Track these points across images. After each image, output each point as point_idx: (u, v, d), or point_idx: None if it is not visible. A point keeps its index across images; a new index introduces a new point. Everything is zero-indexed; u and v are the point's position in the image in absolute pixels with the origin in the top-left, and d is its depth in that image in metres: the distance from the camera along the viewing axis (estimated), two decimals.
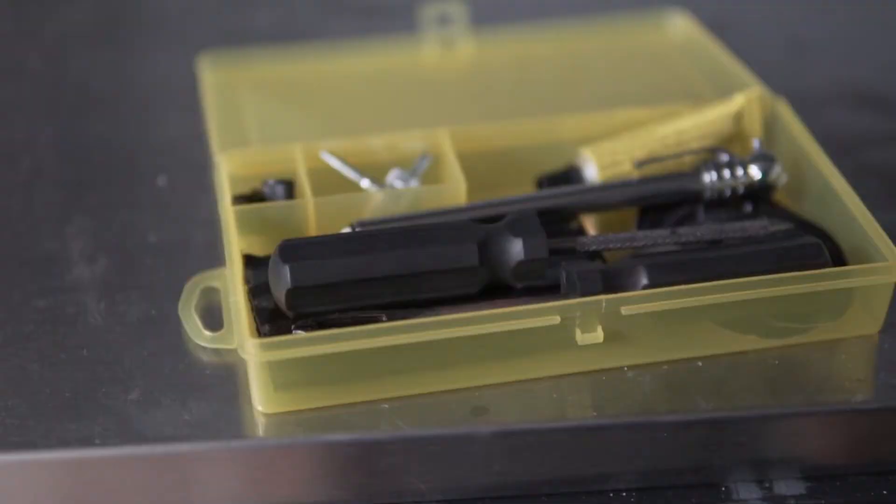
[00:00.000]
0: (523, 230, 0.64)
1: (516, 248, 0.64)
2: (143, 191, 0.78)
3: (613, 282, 0.62)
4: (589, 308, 0.61)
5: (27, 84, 0.90)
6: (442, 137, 0.73)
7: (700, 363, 0.64)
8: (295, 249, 0.63)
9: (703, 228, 0.67)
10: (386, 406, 0.62)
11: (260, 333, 0.63)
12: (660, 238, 0.66)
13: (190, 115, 0.82)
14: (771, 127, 0.76)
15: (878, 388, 0.63)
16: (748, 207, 0.72)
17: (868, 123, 0.85)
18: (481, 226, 0.64)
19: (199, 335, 0.65)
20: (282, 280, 0.62)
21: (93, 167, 0.80)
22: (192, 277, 0.67)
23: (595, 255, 0.67)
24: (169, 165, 0.79)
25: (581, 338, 0.62)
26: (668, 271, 0.63)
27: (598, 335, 0.62)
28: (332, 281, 0.62)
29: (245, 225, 0.69)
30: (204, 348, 0.65)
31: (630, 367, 0.63)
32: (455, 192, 0.69)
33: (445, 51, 0.89)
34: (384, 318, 0.62)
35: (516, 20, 0.92)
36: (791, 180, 0.73)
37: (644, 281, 0.62)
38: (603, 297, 0.61)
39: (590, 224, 0.74)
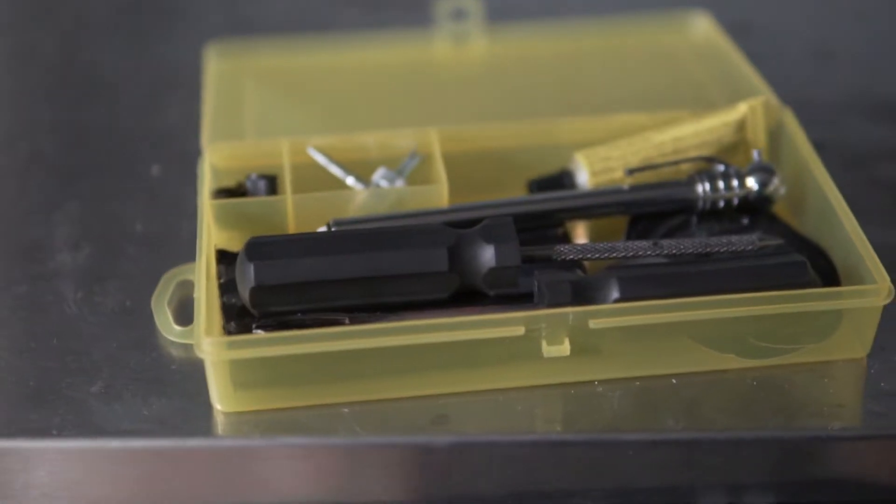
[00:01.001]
0: (496, 237, 0.62)
1: (488, 255, 0.62)
2: (136, 180, 0.77)
3: (584, 294, 0.60)
4: (555, 320, 0.59)
5: (37, 69, 0.90)
6: (431, 137, 0.72)
7: (675, 380, 0.62)
8: (261, 248, 0.62)
9: (688, 241, 0.64)
10: (346, 410, 0.60)
11: (226, 331, 0.62)
12: (641, 249, 0.64)
13: (194, 104, 0.81)
14: (776, 137, 0.74)
15: (860, 415, 0.61)
16: (745, 220, 0.70)
17: (884, 136, 0.81)
18: (454, 230, 0.63)
19: (168, 329, 0.65)
20: (246, 278, 0.61)
21: (89, 154, 0.80)
22: (170, 270, 0.67)
23: (576, 265, 0.65)
24: (165, 155, 0.79)
25: (547, 350, 0.60)
26: (642, 285, 0.61)
27: (565, 348, 0.60)
28: (297, 281, 0.61)
29: (223, 219, 0.68)
30: (174, 343, 0.64)
31: (601, 382, 0.62)
32: (437, 193, 0.68)
33: (458, 46, 0.88)
34: (347, 321, 0.61)
35: (533, 17, 0.91)
36: (793, 193, 0.71)
37: (615, 294, 0.60)
38: (570, 309, 0.59)
39: (582, 231, 0.73)
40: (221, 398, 0.60)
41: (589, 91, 0.84)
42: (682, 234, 0.69)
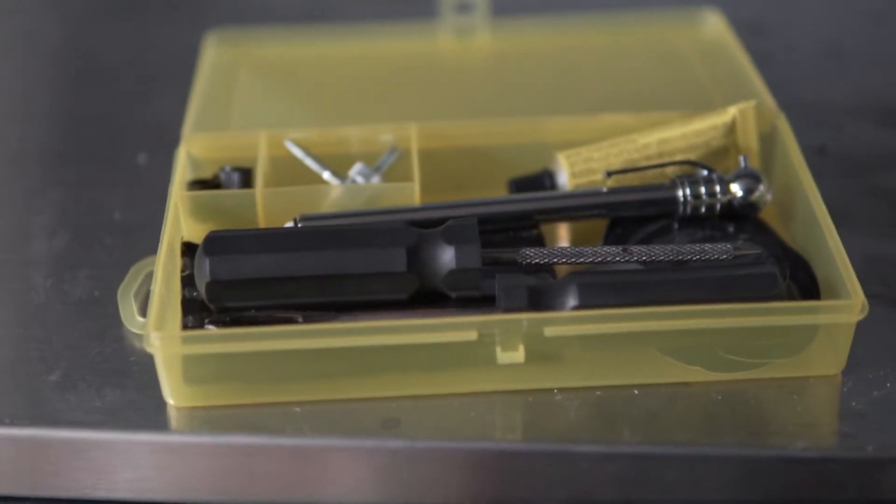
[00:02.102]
0: (457, 238, 0.61)
1: (448, 257, 0.60)
2: (122, 167, 0.77)
3: (542, 300, 0.59)
4: (509, 326, 0.58)
5: (37, 53, 0.90)
6: (411, 133, 0.70)
7: (636, 391, 0.60)
8: (220, 242, 0.61)
9: (659, 248, 0.62)
10: (298, 409, 0.59)
11: (184, 325, 0.62)
12: (610, 255, 0.62)
13: (189, 94, 0.81)
14: (770, 142, 0.71)
15: (826, 435, 0.58)
16: (731, 227, 0.67)
17: (891, 143, 0.78)
18: (416, 230, 0.61)
19: (132, 321, 0.64)
20: (203, 272, 0.60)
21: (79, 140, 0.80)
22: (140, 261, 0.66)
23: (545, 270, 0.64)
24: (153, 144, 0.78)
25: (501, 356, 0.58)
26: (602, 293, 0.59)
27: (519, 355, 0.58)
28: (253, 277, 0.60)
29: (196, 211, 0.67)
30: (136, 335, 0.64)
31: (560, 390, 0.60)
32: (408, 192, 0.67)
33: (462, 39, 0.86)
34: (300, 320, 0.60)
35: (540, 12, 0.88)
36: (785, 201, 0.69)
37: (573, 301, 0.58)
38: (525, 315, 0.58)
39: (565, 234, 0.71)
40: (172, 393, 0.60)
41: (590, 89, 0.82)
42: (662, 239, 0.66)
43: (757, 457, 0.57)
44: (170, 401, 0.60)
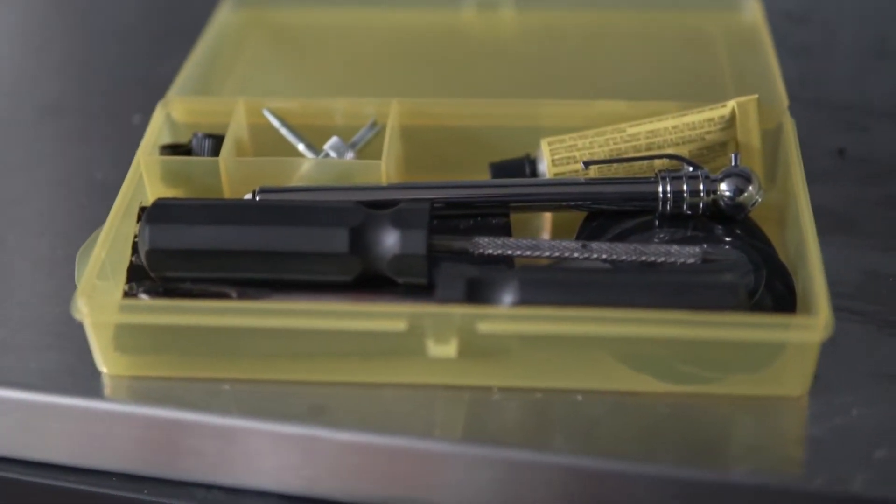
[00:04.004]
0: (404, 222, 0.58)
1: (392, 241, 0.58)
2: (116, 126, 0.76)
3: (481, 293, 0.55)
4: (441, 319, 0.55)
5: (60, 5, 0.90)
6: (392, 108, 0.68)
7: (580, 397, 0.56)
8: (164, 210, 0.59)
9: (622, 247, 0.58)
10: (227, 387, 0.58)
11: (126, 291, 0.60)
12: (567, 250, 0.58)
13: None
14: (776, 140, 0.66)
15: (773, 461, 0.54)
16: (719, 228, 0.63)
17: None
18: (365, 211, 0.59)
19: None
20: (143, 240, 0.59)
21: (81, 94, 0.79)
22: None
23: (504, 261, 0.60)
24: (152, 105, 0.77)
25: (433, 349, 0.55)
26: (546, 290, 0.55)
27: (451, 350, 0.55)
28: (193, 248, 0.58)
29: (165, 176, 0.66)
30: None
31: (501, 389, 0.57)
32: (374, 170, 0.64)
33: (485, 13, 0.83)
34: (234, 295, 0.58)
35: None
36: (783, 204, 0.64)
37: (512, 297, 0.55)
38: (457, 309, 0.55)
39: (547, 225, 0.67)
40: (103, 360, 0.58)
41: (608, 72, 0.78)
42: (639, 236, 0.62)
43: (690, 479, 0.53)
44: (102, 369, 0.59)
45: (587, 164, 0.64)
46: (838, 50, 0.80)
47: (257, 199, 0.62)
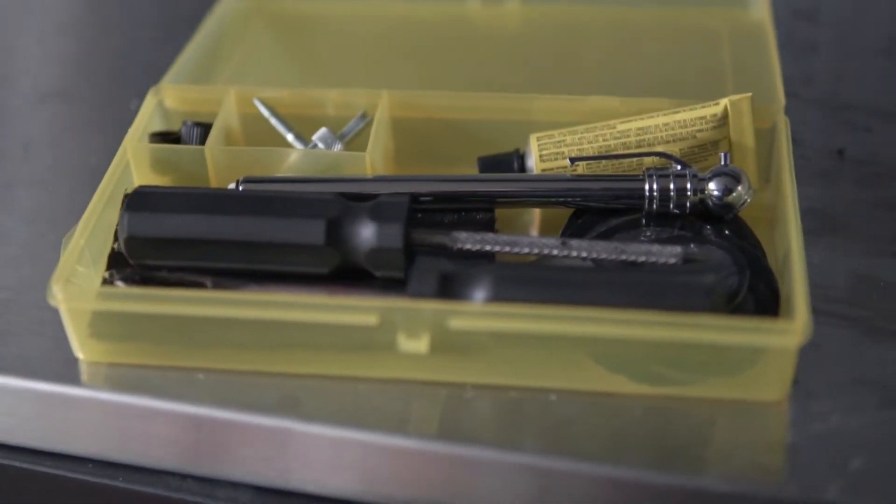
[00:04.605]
0: (382, 215, 0.57)
1: (369, 234, 0.57)
2: (113, 113, 0.76)
3: (454, 288, 0.55)
4: (412, 314, 0.54)
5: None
6: (383, 100, 0.67)
7: (554, 397, 0.56)
8: (144, 198, 0.59)
9: (602, 245, 0.57)
10: (202, 377, 0.57)
11: (105, 278, 0.60)
12: (547, 247, 0.58)
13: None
14: (770, 141, 0.65)
15: (746, 468, 0.52)
16: (707, 228, 0.62)
17: None
18: (343, 203, 0.58)
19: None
20: (122, 227, 0.59)
21: (83, 78, 0.79)
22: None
23: (486, 257, 0.59)
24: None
25: (404, 345, 0.55)
26: (519, 287, 0.54)
27: (423, 345, 0.55)
28: (170, 236, 0.58)
29: (155, 164, 0.65)
30: None
31: (474, 387, 0.56)
32: (359, 162, 0.63)
33: (489, 5, 0.82)
34: (209, 285, 0.58)
35: None
36: (776, 205, 0.63)
37: (483, 293, 0.54)
38: (428, 304, 0.54)
39: (536, 220, 0.67)
40: (78, 347, 0.58)
41: (611, 67, 0.77)
42: (625, 234, 0.61)
43: (659, 483, 0.52)
44: (79, 355, 0.59)
45: (573, 160, 0.63)
46: (846, 49, 0.78)
47: (240, 188, 0.62)
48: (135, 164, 0.65)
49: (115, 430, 0.58)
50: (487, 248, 0.58)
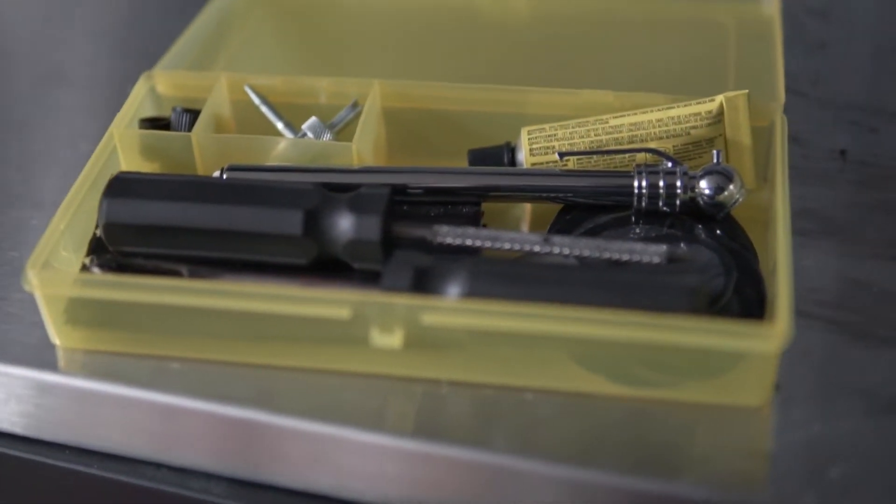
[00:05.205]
0: (361, 206, 0.56)
1: (347, 225, 0.56)
2: (109, 98, 0.75)
3: (429, 283, 0.54)
4: (384, 308, 0.53)
5: None
6: (374, 90, 0.66)
7: (531, 396, 0.55)
8: (123, 184, 0.59)
9: (585, 242, 0.56)
10: (176, 366, 0.57)
11: (85, 264, 0.60)
12: (528, 243, 0.56)
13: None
14: (769, 140, 0.64)
15: (721, 474, 0.51)
16: (699, 227, 0.60)
17: None
18: (323, 193, 0.57)
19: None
20: (100, 213, 0.58)
21: (80, 65, 0.79)
22: None
23: (470, 252, 0.58)
24: None
25: (377, 339, 0.54)
26: (495, 283, 0.53)
27: (396, 340, 0.54)
28: (148, 223, 0.58)
29: (144, 150, 0.65)
30: None
31: (450, 384, 0.55)
32: (346, 151, 0.62)
33: None
34: (185, 273, 0.57)
35: None
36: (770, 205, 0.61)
37: (458, 289, 0.53)
38: (401, 299, 0.53)
39: (527, 215, 0.65)
40: (55, 333, 0.58)
41: (615, 60, 0.76)
42: (613, 232, 0.60)
43: (629, 488, 0.50)
44: (55, 341, 0.58)
45: (562, 154, 0.62)
46: (857, 47, 0.76)
47: (224, 177, 0.61)
48: (122, 149, 0.64)
49: (90, 418, 0.58)
50: (468, 242, 0.57)
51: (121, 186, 0.58)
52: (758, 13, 0.76)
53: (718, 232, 0.60)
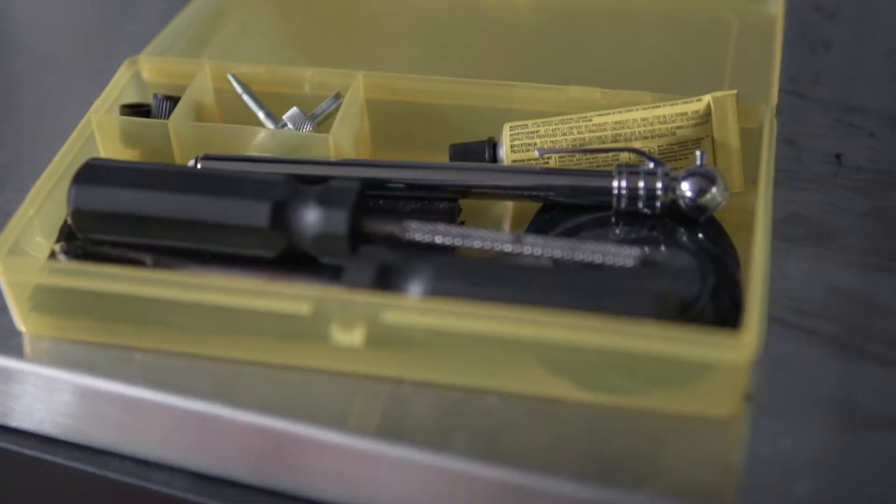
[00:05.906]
0: (329, 200, 0.55)
1: (314, 218, 0.55)
2: (98, 85, 0.74)
3: (392, 280, 0.53)
4: (345, 305, 0.52)
5: None
6: (357, 81, 0.65)
7: (496, 399, 0.53)
8: (92, 171, 0.58)
9: (557, 242, 0.55)
10: (139, 356, 0.56)
11: (54, 250, 0.59)
12: (499, 241, 0.55)
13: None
14: (758, 140, 0.62)
15: (684, 483, 0.49)
16: (682, 230, 0.59)
17: None
18: (292, 186, 0.56)
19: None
20: (69, 200, 0.57)
21: (71, 51, 0.78)
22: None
23: (444, 249, 0.57)
24: None
25: (338, 336, 0.53)
26: (460, 282, 0.52)
27: (356, 338, 0.52)
28: (116, 211, 0.57)
29: (123, 137, 0.64)
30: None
31: (414, 384, 0.54)
32: (322, 143, 0.61)
33: None
34: (149, 262, 0.56)
35: None
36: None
37: (420, 287, 0.52)
38: (361, 296, 0.52)
39: (509, 213, 0.64)
40: (19, 319, 0.57)
41: (611, 57, 0.74)
42: (591, 233, 0.59)
43: (589, 497, 0.49)
44: (20, 328, 0.58)
45: (542, 152, 0.60)
46: (862, 49, 0.74)
47: (199, 165, 0.60)
48: (100, 136, 0.64)
49: (55, 406, 0.57)
50: (438, 239, 0.56)
51: (90, 173, 0.58)
52: (762, 11, 0.74)
53: (701, 236, 0.59)
